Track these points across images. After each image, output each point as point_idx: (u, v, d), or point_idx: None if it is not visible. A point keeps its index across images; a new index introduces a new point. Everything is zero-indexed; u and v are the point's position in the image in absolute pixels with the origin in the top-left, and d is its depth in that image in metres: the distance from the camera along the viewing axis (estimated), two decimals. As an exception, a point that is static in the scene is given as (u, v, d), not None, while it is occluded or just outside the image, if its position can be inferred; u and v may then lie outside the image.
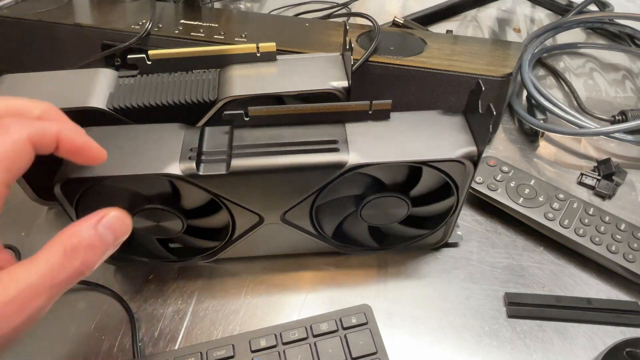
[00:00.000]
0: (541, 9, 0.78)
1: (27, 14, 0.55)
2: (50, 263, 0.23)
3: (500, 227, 0.46)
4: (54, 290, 0.23)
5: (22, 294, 0.22)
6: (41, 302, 0.23)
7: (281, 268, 0.42)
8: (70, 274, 0.24)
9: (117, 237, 0.26)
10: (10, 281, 0.22)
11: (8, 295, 0.22)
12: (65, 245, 0.24)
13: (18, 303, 0.22)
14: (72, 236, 0.24)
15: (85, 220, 0.25)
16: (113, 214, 0.26)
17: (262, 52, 0.40)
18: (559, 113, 0.52)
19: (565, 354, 0.37)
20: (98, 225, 0.25)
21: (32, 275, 0.22)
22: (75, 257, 0.24)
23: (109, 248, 0.26)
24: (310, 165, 0.33)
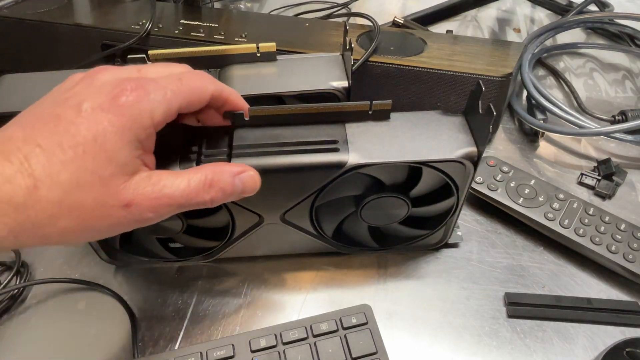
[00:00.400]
0: (541, 9, 0.79)
1: (27, 14, 0.55)
2: (191, 186, 0.27)
3: (500, 227, 0.46)
4: (181, 206, 0.27)
5: (163, 198, 0.26)
6: (168, 210, 0.27)
7: (281, 268, 0.42)
8: (200, 201, 0.27)
9: (243, 192, 0.30)
10: (158, 182, 0.26)
11: (154, 192, 0.26)
12: (207, 178, 0.27)
13: (158, 202, 0.26)
14: (215, 173, 0.28)
15: (229, 165, 0.29)
16: (251, 173, 0.30)
17: (262, 52, 0.40)
18: (559, 113, 0.52)
19: (565, 354, 0.37)
20: (236, 177, 0.29)
21: (174, 187, 0.26)
22: (208, 191, 0.28)
23: (233, 197, 0.29)
24: (310, 165, 0.33)
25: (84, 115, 0.24)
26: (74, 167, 0.24)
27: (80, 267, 0.42)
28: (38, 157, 0.23)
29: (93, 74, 0.27)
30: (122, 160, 0.25)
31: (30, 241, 0.24)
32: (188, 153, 0.32)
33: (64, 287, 0.41)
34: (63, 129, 0.24)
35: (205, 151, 0.33)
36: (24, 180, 0.23)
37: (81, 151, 0.24)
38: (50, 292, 0.41)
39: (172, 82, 0.28)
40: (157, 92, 0.26)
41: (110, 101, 0.25)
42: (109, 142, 0.24)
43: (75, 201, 0.24)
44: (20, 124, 0.25)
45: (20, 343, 0.38)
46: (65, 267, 0.42)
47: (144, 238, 0.39)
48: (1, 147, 0.23)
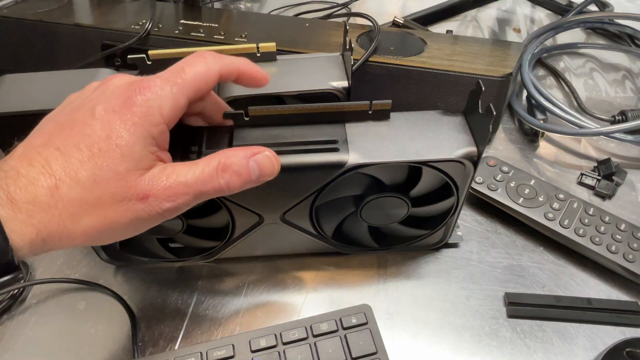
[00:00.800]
0: (541, 9, 0.78)
1: (27, 14, 0.55)
2: (205, 172, 0.27)
3: (500, 227, 0.46)
4: (198, 194, 0.27)
5: (178, 186, 0.27)
6: (186, 199, 0.27)
7: (281, 268, 0.42)
8: (215, 186, 0.28)
9: (261, 175, 0.29)
10: (172, 172, 0.27)
11: (169, 182, 0.26)
12: (220, 162, 0.28)
13: (173, 191, 0.26)
14: (228, 157, 0.28)
15: (243, 149, 0.29)
16: (266, 153, 0.29)
17: (262, 52, 0.40)
18: (559, 113, 0.52)
19: (565, 354, 0.37)
20: (251, 158, 0.28)
21: (189, 174, 0.27)
22: (223, 175, 0.28)
23: (251, 180, 0.29)
24: (310, 165, 0.33)
25: (97, 117, 0.26)
26: (90, 165, 0.25)
27: (80, 267, 0.42)
28: (57, 159, 0.25)
29: (107, 81, 0.29)
30: (137, 156, 0.26)
31: (57, 243, 0.25)
32: (188, 153, 0.32)
33: (64, 287, 0.41)
34: (79, 131, 0.25)
35: (205, 151, 0.33)
36: (46, 180, 0.24)
37: (97, 149, 0.25)
38: (50, 292, 0.41)
39: (175, 74, 0.28)
40: (163, 87, 0.27)
41: (121, 103, 0.26)
42: (122, 139, 0.25)
43: (94, 197, 0.25)
44: (40, 132, 0.27)
45: (20, 343, 0.38)
46: (65, 267, 0.42)
47: (144, 238, 0.39)
48: (24, 153, 0.25)
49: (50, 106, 0.33)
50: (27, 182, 0.24)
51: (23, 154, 0.25)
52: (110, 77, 0.29)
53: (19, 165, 0.24)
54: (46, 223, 0.24)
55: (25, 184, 0.24)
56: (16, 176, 0.24)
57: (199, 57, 0.29)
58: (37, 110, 0.36)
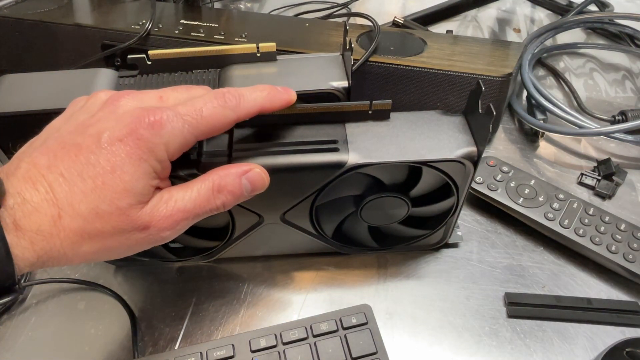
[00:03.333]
0: (541, 9, 0.78)
1: (27, 14, 0.55)
2: (201, 194, 0.28)
3: (500, 227, 0.46)
4: (196, 216, 0.28)
5: (177, 213, 0.27)
6: (186, 223, 0.28)
7: (281, 268, 0.42)
8: (212, 207, 0.28)
9: (253, 191, 0.30)
10: (170, 199, 0.27)
11: (168, 210, 0.27)
12: (214, 183, 0.28)
13: (173, 219, 0.27)
14: (221, 178, 0.28)
15: (234, 167, 0.29)
16: (257, 170, 0.30)
17: (262, 52, 0.40)
18: (559, 113, 0.52)
19: (565, 354, 0.37)
20: (243, 177, 0.29)
21: (186, 199, 0.27)
22: (219, 196, 0.28)
23: (244, 197, 0.30)
24: (310, 165, 0.33)
25: (103, 145, 0.25)
26: (93, 197, 0.25)
27: (80, 267, 0.42)
28: (61, 187, 0.25)
29: (116, 99, 0.28)
30: (139, 191, 0.26)
31: (55, 264, 0.25)
32: (188, 153, 0.32)
33: (64, 287, 0.41)
34: (84, 158, 0.25)
35: (205, 151, 0.33)
36: (49, 209, 0.24)
37: (100, 182, 0.25)
38: (50, 292, 0.41)
39: (192, 113, 0.27)
40: (175, 124, 0.27)
41: (128, 133, 0.26)
42: (126, 174, 0.25)
43: (95, 229, 0.25)
44: (44, 150, 0.26)
45: (20, 343, 0.38)
46: (65, 267, 0.42)
47: (144, 238, 0.39)
48: (28, 174, 0.25)
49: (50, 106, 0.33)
50: (32, 209, 0.24)
51: (27, 175, 0.25)
52: (120, 94, 0.28)
53: (24, 190, 0.24)
54: (47, 250, 0.24)
55: (31, 211, 0.24)
56: (22, 201, 0.24)
57: (220, 100, 0.28)
58: (37, 110, 0.36)
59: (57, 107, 0.30)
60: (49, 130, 0.28)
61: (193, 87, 0.31)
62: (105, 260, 0.28)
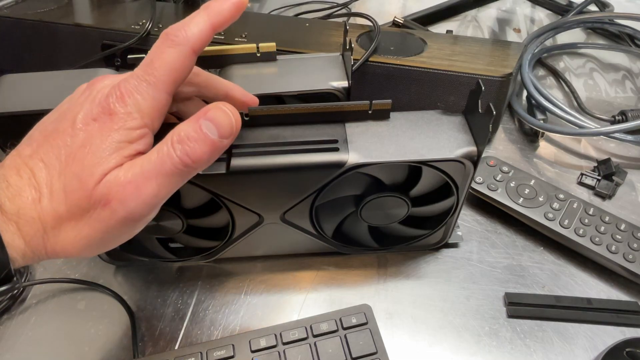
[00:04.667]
0: (541, 9, 0.79)
1: (27, 14, 0.55)
2: (161, 153, 0.25)
3: (500, 227, 0.46)
4: (163, 178, 0.25)
5: (136, 178, 0.25)
6: (153, 188, 0.25)
7: (281, 268, 0.42)
8: (175, 162, 0.25)
9: (220, 131, 0.26)
10: (130, 167, 0.25)
11: (126, 178, 0.25)
12: (172, 137, 0.26)
13: (133, 185, 0.25)
14: (179, 131, 0.26)
15: (193, 116, 0.26)
16: (219, 106, 0.27)
17: (262, 52, 0.40)
18: (559, 113, 0.52)
19: (565, 354, 0.37)
20: (200, 119, 0.26)
21: (145, 162, 0.25)
22: (179, 147, 0.25)
23: (212, 142, 0.26)
24: (310, 165, 0.33)
25: (77, 126, 0.26)
26: (64, 175, 0.25)
27: (80, 267, 0.42)
28: (41, 171, 0.25)
29: (92, 83, 0.28)
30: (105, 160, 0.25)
31: (45, 255, 0.25)
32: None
33: (64, 287, 0.41)
34: (61, 142, 0.25)
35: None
36: (31, 192, 0.24)
37: (71, 159, 0.25)
38: (50, 292, 0.41)
39: (145, 68, 0.26)
40: (139, 89, 0.26)
41: (100, 111, 0.26)
42: (95, 146, 0.25)
43: (65, 211, 0.25)
44: (29, 141, 0.27)
45: (20, 343, 0.38)
46: (65, 267, 0.42)
47: (144, 238, 0.39)
48: (13, 162, 0.25)
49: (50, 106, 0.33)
50: (15, 192, 0.24)
51: (12, 164, 0.25)
52: (97, 78, 0.28)
53: (9, 175, 0.25)
54: (32, 235, 0.24)
55: (14, 195, 0.24)
56: (6, 186, 0.24)
57: (165, 41, 0.27)
58: (37, 110, 0.36)
59: None
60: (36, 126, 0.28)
61: None
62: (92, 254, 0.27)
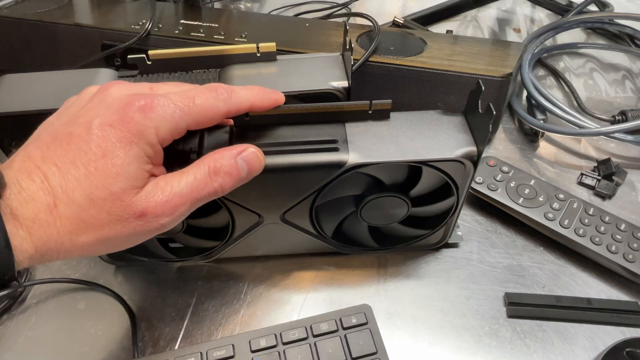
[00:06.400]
0: (541, 9, 0.79)
1: (27, 14, 0.55)
2: (197, 179, 0.27)
3: (500, 227, 0.46)
4: (195, 202, 0.28)
5: (174, 199, 0.27)
6: (183, 210, 0.27)
7: (281, 268, 0.42)
8: (210, 191, 0.28)
9: (250, 171, 0.30)
10: (165, 185, 0.27)
11: (164, 196, 0.26)
12: (210, 166, 0.28)
13: (170, 204, 0.27)
14: (216, 160, 0.28)
15: (228, 149, 0.29)
16: (251, 150, 0.30)
17: (262, 52, 0.40)
18: (559, 113, 0.52)
19: (565, 354, 0.37)
20: (238, 157, 0.29)
21: (182, 184, 0.27)
22: (215, 179, 0.28)
23: (241, 178, 0.29)
24: (310, 165, 0.33)
25: (94, 132, 0.25)
26: (86, 184, 0.25)
27: (80, 267, 0.42)
28: (55, 175, 0.25)
29: (106, 88, 0.28)
30: (132, 175, 0.26)
31: (54, 257, 0.25)
32: (188, 153, 0.32)
33: (64, 287, 0.41)
34: (75, 146, 0.25)
35: (205, 151, 0.33)
36: (45, 197, 0.24)
37: (93, 168, 0.25)
38: (50, 292, 0.41)
39: (184, 100, 0.28)
40: (166, 109, 0.27)
41: (119, 118, 0.26)
42: (117, 158, 0.25)
43: (90, 216, 0.25)
44: (38, 142, 0.26)
45: (20, 343, 0.38)
46: (65, 267, 0.42)
47: (144, 238, 0.39)
48: (23, 165, 0.25)
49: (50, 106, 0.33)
50: (28, 197, 0.24)
51: (22, 167, 0.25)
52: (110, 84, 0.29)
53: (20, 178, 0.24)
54: (45, 240, 0.24)
55: (27, 200, 0.24)
56: (18, 191, 0.24)
57: (212, 92, 0.29)
58: (37, 110, 0.36)
59: (57, 107, 0.30)
60: (42, 126, 0.28)
61: (183, 84, 0.31)
62: (106, 253, 0.28)
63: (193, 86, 0.30)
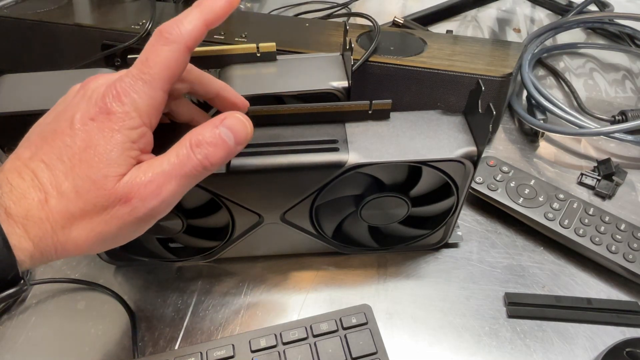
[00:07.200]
0: (541, 9, 0.79)
1: (27, 14, 0.55)
2: (180, 155, 0.27)
3: (500, 227, 0.46)
4: (180, 178, 0.27)
5: (157, 178, 0.26)
6: (172, 187, 0.26)
7: (281, 268, 0.42)
8: (195, 165, 0.27)
9: (237, 138, 0.28)
10: (148, 168, 0.26)
11: (147, 177, 0.26)
12: (191, 141, 0.27)
13: (155, 184, 0.26)
14: (197, 134, 0.27)
15: (209, 121, 0.28)
16: (235, 114, 0.28)
17: (262, 52, 0.40)
18: (559, 113, 0.52)
19: (565, 354, 0.37)
20: (219, 126, 0.27)
21: (164, 164, 0.26)
22: (198, 151, 0.27)
23: (229, 147, 0.28)
24: (310, 165, 0.33)
25: (76, 127, 0.26)
26: (72, 176, 0.25)
27: (80, 267, 0.42)
28: (44, 172, 0.25)
29: (86, 83, 0.28)
30: (113, 161, 0.26)
31: (54, 255, 0.25)
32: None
33: (64, 287, 0.41)
34: (61, 142, 0.26)
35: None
36: (36, 194, 0.25)
37: (77, 160, 0.25)
38: (50, 292, 0.41)
39: (141, 67, 0.27)
40: (134, 87, 0.26)
41: (98, 110, 0.26)
42: (99, 147, 0.25)
43: (78, 209, 0.25)
44: (27, 145, 0.27)
45: (20, 343, 0.38)
46: (65, 267, 0.42)
47: (144, 238, 0.39)
48: (13, 165, 0.25)
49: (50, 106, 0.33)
50: (19, 195, 0.24)
51: (12, 167, 0.25)
52: (90, 79, 0.28)
53: (10, 177, 0.25)
54: (41, 236, 0.24)
55: (19, 197, 0.24)
56: (9, 190, 0.24)
57: (159, 39, 0.28)
58: (37, 110, 0.36)
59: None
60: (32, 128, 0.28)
61: None
62: (103, 249, 0.28)
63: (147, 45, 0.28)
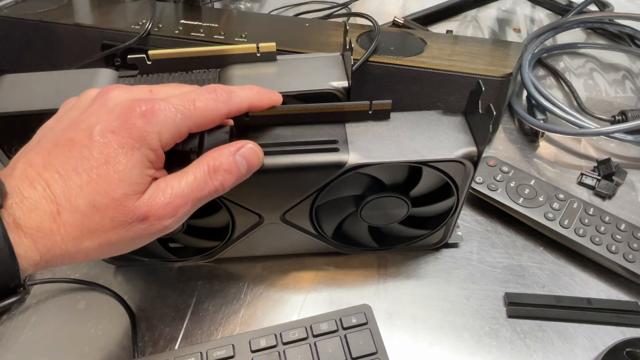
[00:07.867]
0: (541, 9, 0.79)
1: (27, 14, 0.55)
2: (197, 178, 0.28)
3: (500, 227, 0.46)
4: (196, 201, 0.28)
5: (175, 200, 0.27)
6: (185, 210, 0.27)
7: (281, 268, 0.42)
8: (211, 190, 0.28)
9: (250, 167, 0.30)
10: (166, 187, 0.27)
11: (166, 199, 0.27)
12: (209, 165, 0.28)
13: (172, 206, 0.27)
14: (214, 159, 0.28)
15: (226, 147, 0.29)
16: (249, 145, 0.30)
17: (262, 52, 0.40)
18: (559, 113, 0.52)
19: (565, 354, 0.37)
20: (236, 154, 0.29)
21: (183, 185, 0.27)
22: (215, 177, 0.28)
23: (241, 175, 0.29)
24: (310, 165, 0.33)
25: (95, 138, 0.25)
26: (89, 191, 0.25)
27: (80, 267, 0.42)
28: (58, 183, 0.25)
29: (106, 92, 0.28)
30: (134, 180, 0.26)
31: (59, 263, 0.25)
32: (188, 154, 0.32)
33: (64, 287, 0.41)
34: (77, 153, 0.25)
35: (205, 152, 0.33)
36: (48, 205, 0.24)
37: (95, 175, 0.25)
38: (50, 292, 0.41)
39: (184, 103, 0.28)
40: (167, 113, 0.27)
41: (120, 124, 0.26)
42: (119, 164, 0.25)
43: (94, 223, 0.25)
44: (39, 148, 0.26)
45: (20, 343, 0.38)
46: (65, 267, 0.42)
47: (144, 238, 0.39)
48: (24, 173, 0.25)
49: (50, 106, 0.33)
50: (31, 206, 0.24)
51: (24, 174, 0.25)
52: (110, 88, 0.29)
53: (22, 187, 0.24)
54: (49, 247, 0.24)
55: (29, 208, 0.24)
56: (20, 200, 0.24)
57: (212, 94, 0.29)
58: (37, 110, 0.36)
59: (57, 107, 0.30)
60: (42, 131, 0.28)
61: (183, 85, 0.31)
62: (110, 256, 0.28)
63: (192, 88, 0.30)
